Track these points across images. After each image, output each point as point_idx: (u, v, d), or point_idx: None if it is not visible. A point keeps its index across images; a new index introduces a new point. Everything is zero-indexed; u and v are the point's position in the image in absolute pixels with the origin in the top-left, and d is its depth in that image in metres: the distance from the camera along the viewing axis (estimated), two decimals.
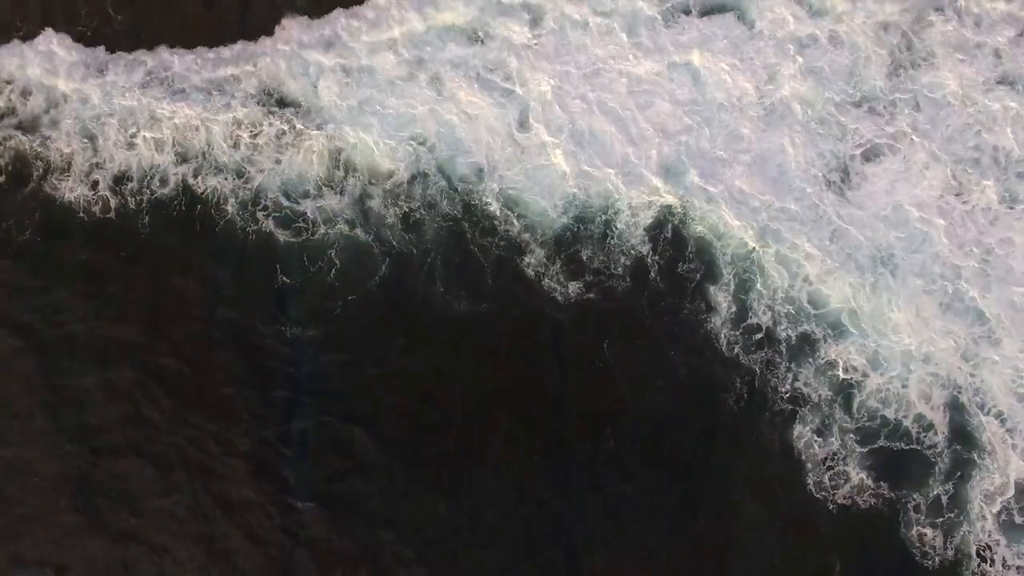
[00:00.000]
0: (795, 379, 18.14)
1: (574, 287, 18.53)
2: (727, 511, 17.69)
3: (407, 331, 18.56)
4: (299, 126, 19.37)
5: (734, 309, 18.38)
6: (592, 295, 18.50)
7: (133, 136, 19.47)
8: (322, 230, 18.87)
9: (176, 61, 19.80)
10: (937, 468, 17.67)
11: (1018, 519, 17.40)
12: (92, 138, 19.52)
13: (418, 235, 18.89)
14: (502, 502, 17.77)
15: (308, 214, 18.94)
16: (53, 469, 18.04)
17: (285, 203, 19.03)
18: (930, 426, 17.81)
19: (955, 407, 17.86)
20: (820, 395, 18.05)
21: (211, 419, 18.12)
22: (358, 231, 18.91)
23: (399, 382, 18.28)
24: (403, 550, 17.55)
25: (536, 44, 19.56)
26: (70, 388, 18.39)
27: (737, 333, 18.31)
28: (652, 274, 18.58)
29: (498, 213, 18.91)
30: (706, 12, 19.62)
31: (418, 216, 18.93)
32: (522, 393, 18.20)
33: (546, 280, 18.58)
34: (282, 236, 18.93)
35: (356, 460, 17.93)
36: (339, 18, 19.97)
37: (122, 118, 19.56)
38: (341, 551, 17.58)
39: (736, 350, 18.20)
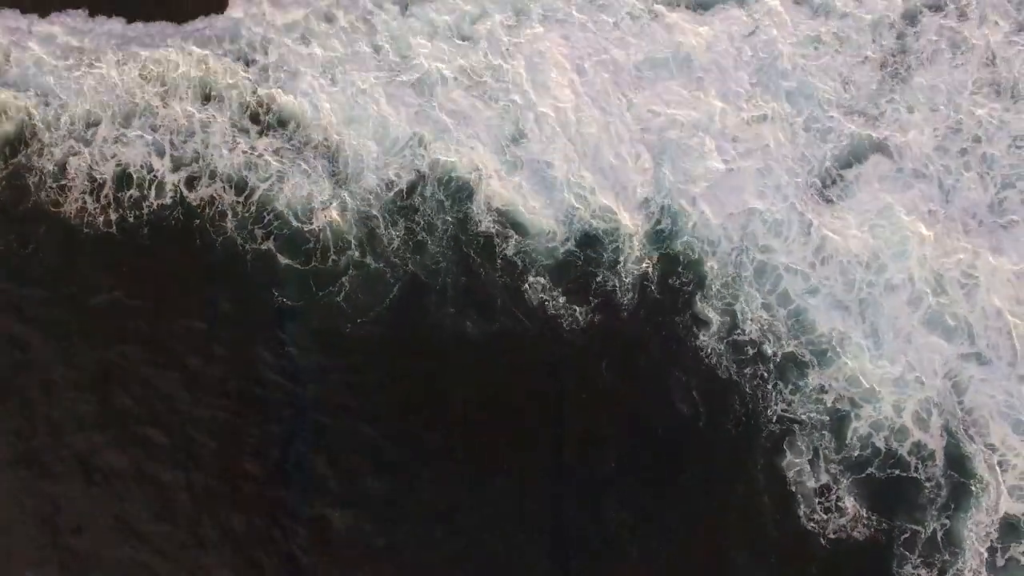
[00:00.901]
0: (787, 404, 17.93)
1: (571, 305, 18.39)
2: (723, 537, 17.62)
3: (409, 350, 18.53)
4: (293, 142, 19.29)
5: (724, 327, 18.19)
6: (590, 315, 18.36)
7: (125, 139, 19.32)
8: (331, 254, 18.73)
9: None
10: (932, 500, 17.42)
11: (1000, 560, 17.13)
12: (86, 141, 19.37)
13: (417, 254, 18.76)
14: (500, 522, 17.81)
15: (312, 229, 18.83)
16: (50, 491, 18.11)
17: (294, 223, 18.92)
18: (927, 455, 17.53)
19: (950, 435, 17.53)
20: (813, 420, 17.83)
21: (216, 431, 18.21)
22: (360, 252, 18.78)
23: (400, 399, 18.31)
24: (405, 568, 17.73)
25: (521, 42, 19.32)
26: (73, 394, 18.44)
27: (727, 352, 18.14)
28: (646, 289, 18.45)
29: (494, 231, 18.75)
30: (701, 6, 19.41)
31: (419, 236, 18.77)
32: (522, 414, 18.17)
33: (541, 297, 18.44)
34: (284, 259, 18.83)
35: (354, 482, 17.98)
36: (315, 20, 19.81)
37: (115, 113, 19.45)
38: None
39: (730, 372, 18.07)
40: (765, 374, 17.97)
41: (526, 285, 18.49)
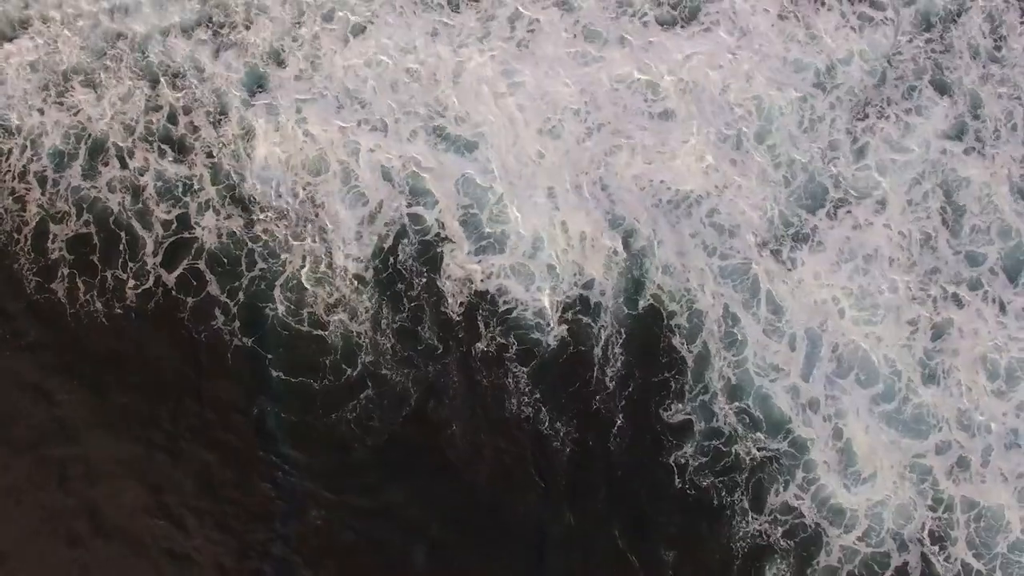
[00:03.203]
0: (752, 523, 16.78)
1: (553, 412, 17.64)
2: None
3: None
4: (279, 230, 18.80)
5: (702, 432, 17.13)
6: (572, 423, 17.55)
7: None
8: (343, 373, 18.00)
9: None
10: None
11: None
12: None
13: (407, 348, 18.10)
14: None
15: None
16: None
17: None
18: None
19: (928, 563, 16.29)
20: (782, 545, 16.68)
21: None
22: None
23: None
24: None
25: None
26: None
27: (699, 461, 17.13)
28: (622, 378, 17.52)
29: (481, 323, 17.96)
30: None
31: (402, 324, 18.13)
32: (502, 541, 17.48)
33: (528, 403, 17.64)
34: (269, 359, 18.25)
35: None
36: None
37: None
38: None
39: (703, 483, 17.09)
40: (738, 491, 16.90)
41: (512, 386, 17.70)
